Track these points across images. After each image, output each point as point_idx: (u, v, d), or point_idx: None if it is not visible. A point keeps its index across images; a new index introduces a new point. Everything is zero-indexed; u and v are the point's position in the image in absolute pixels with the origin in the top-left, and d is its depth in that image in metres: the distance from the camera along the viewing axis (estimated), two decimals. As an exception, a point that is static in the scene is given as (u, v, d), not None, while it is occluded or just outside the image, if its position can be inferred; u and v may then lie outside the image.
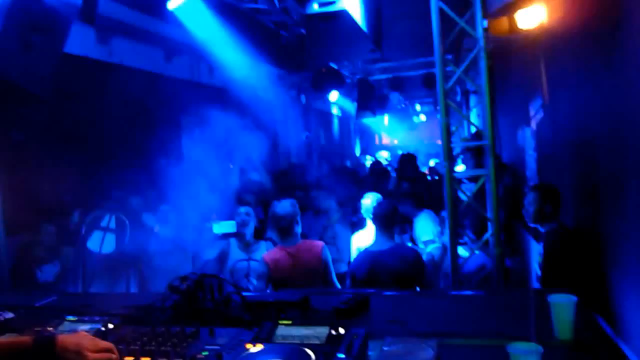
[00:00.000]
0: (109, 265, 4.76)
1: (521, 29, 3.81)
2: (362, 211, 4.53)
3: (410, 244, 4.33)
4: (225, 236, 4.16)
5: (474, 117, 10.08)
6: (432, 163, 12.27)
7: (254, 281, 3.99)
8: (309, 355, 1.46)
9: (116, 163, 6.06)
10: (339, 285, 3.93)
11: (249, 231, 4.22)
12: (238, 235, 4.21)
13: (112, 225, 4.89)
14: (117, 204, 5.24)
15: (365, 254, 3.70)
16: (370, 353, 1.69)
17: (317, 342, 1.61)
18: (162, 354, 1.59)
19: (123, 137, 6.39)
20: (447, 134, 3.69)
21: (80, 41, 5.74)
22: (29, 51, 2.97)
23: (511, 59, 6.94)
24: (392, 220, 3.67)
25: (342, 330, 1.65)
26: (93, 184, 5.67)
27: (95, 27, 5.50)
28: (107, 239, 4.83)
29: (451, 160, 3.71)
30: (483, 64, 3.64)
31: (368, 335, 1.68)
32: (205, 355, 1.57)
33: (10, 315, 2.38)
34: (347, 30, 3.73)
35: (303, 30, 5.23)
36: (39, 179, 5.22)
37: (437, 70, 3.68)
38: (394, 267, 3.49)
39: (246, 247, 4.21)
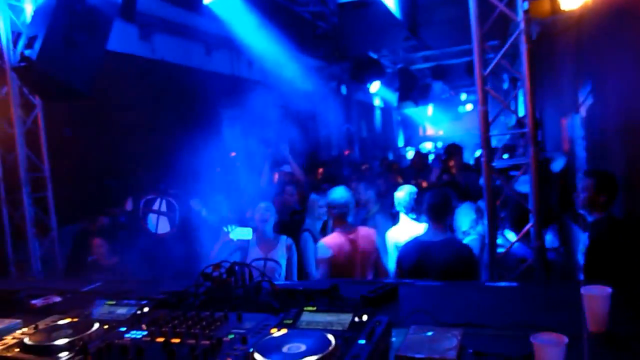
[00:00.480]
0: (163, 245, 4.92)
1: (563, 10, 3.63)
2: (395, 204, 4.43)
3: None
4: (241, 242, 4.09)
5: (522, 105, 9.72)
6: (477, 154, 12.00)
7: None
8: (329, 340, 1.47)
9: (161, 155, 6.28)
10: (388, 269, 3.94)
11: (269, 227, 4.09)
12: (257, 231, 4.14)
13: (164, 208, 5.09)
14: (165, 190, 5.42)
15: (415, 243, 3.50)
16: (394, 340, 1.70)
17: (340, 328, 1.62)
18: (191, 336, 1.65)
19: (167, 130, 6.60)
20: (485, 123, 3.59)
21: (124, 39, 5.97)
22: (73, 49, 3.11)
23: (558, 44, 6.67)
24: (445, 211, 3.49)
25: (365, 318, 1.66)
26: (139, 176, 5.89)
27: (138, 25, 5.68)
28: (161, 221, 5.05)
29: (489, 150, 3.61)
30: (524, 49, 3.52)
31: (391, 323, 1.69)
32: (231, 338, 1.62)
33: (57, 299, 2.55)
34: (380, 18, 3.67)
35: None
36: (90, 172, 5.49)
37: (475, 56, 3.59)
38: (445, 261, 3.29)
39: (265, 244, 4.08)
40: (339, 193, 3.84)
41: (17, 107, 4.24)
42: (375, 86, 9.86)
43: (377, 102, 16.08)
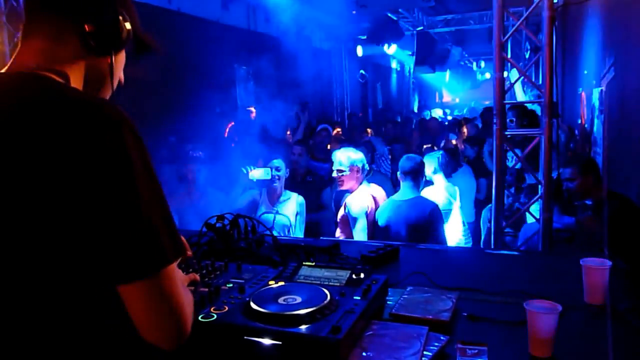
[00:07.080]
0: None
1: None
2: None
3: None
4: (261, 183, 4.12)
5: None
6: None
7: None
8: (325, 294, 1.49)
9: (171, 109, 6.25)
10: None
11: (280, 184, 4.14)
12: (273, 183, 4.14)
13: None
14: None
15: (388, 202, 3.87)
16: (390, 299, 1.72)
17: (336, 283, 1.64)
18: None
19: (178, 83, 6.55)
20: (500, 90, 3.51)
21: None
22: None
23: (584, 13, 6.44)
24: (417, 174, 3.80)
25: (362, 275, 1.67)
26: (148, 131, 5.86)
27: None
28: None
29: (502, 118, 3.54)
30: (546, 16, 3.39)
31: (388, 282, 1.70)
32: (230, 287, 1.65)
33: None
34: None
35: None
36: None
37: (494, 21, 3.48)
38: (409, 218, 3.65)
39: (276, 199, 4.12)
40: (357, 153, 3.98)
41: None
42: (392, 48, 9.65)
43: (393, 64, 15.78)
